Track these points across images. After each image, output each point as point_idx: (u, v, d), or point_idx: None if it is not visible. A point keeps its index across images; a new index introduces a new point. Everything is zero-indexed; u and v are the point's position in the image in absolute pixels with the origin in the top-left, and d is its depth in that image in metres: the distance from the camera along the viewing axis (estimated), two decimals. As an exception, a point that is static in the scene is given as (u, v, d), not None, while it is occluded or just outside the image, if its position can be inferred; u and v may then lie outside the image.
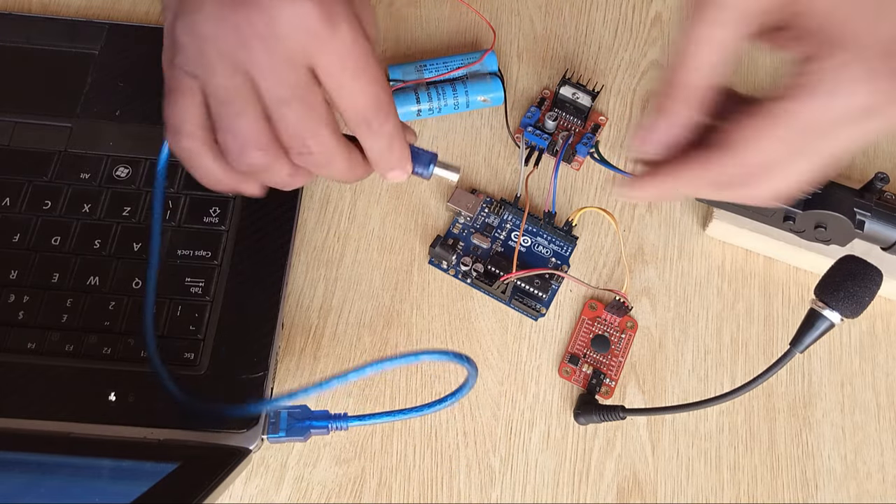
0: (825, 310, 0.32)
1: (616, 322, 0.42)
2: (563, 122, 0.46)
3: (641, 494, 0.38)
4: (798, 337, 0.33)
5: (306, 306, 0.42)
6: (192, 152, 0.31)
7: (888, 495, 0.39)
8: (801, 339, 0.33)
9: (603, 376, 0.40)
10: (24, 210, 0.40)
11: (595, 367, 0.41)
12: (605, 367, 0.41)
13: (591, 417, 0.39)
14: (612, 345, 0.41)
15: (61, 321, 0.38)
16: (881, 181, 0.39)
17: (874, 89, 0.27)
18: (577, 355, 0.41)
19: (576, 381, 0.40)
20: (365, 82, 0.30)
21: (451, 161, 0.44)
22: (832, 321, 0.32)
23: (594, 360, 0.41)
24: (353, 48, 0.29)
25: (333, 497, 0.38)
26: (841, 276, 0.33)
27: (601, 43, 0.50)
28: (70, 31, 0.45)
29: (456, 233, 0.42)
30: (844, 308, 0.32)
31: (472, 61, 0.46)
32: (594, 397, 0.40)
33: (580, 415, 0.39)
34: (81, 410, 0.36)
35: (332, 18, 0.28)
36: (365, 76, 0.30)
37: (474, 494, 0.38)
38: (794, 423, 0.40)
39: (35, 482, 0.32)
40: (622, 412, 0.38)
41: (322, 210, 0.44)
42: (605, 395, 0.40)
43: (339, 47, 0.29)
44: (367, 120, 0.31)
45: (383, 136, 0.32)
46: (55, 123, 0.43)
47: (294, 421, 0.35)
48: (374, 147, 0.33)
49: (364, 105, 0.31)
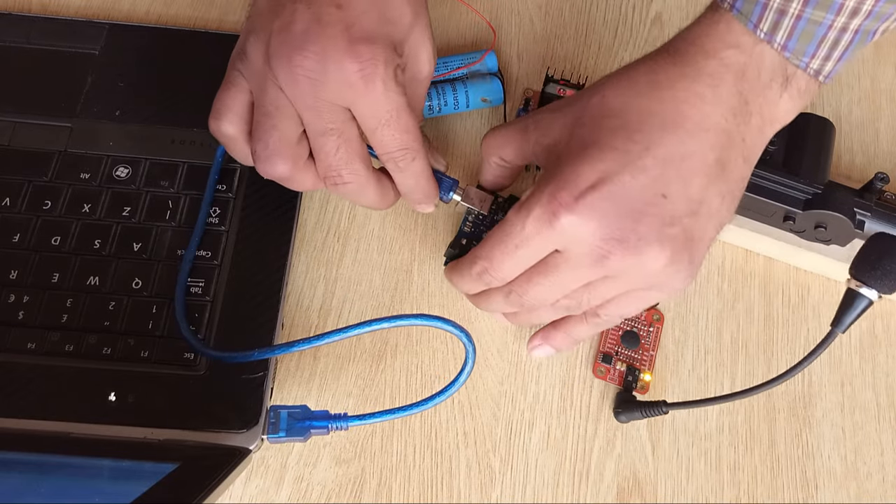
0: (862, 288, 0.34)
1: (642, 316, 0.42)
2: None
3: (641, 494, 0.38)
4: (838, 317, 0.35)
5: (306, 306, 0.42)
6: (228, 137, 0.36)
7: (888, 495, 0.39)
8: (842, 320, 0.34)
9: (638, 372, 0.40)
10: (24, 210, 0.40)
11: (628, 364, 0.41)
12: (638, 362, 0.41)
13: (632, 415, 0.39)
14: (642, 339, 0.41)
15: (61, 321, 0.38)
16: (881, 181, 0.39)
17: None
18: (610, 353, 0.41)
19: (611, 380, 0.40)
20: (393, 130, 0.34)
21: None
22: (870, 299, 0.34)
23: (626, 356, 0.41)
24: (384, 102, 0.33)
25: (333, 497, 0.38)
26: (876, 254, 0.34)
27: (601, 43, 0.50)
28: (70, 31, 0.45)
29: (468, 231, 0.41)
30: (882, 285, 0.33)
31: (472, 61, 0.46)
32: (632, 394, 0.40)
33: (621, 413, 0.39)
34: (81, 410, 0.36)
35: (368, 76, 0.32)
36: (393, 126, 0.34)
37: (474, 494, 0.38)
38: (794, 423, 0.40)
39: (35, 482, 0.32)
40: (665, 406, 0.38)
41: (322, 210, 0.44)
42: (642, 391, 0.40)
43: (372, 101, 0.33)
44: (395, 160, 0.35)
45: (410, 175, 0.36)
46: (55, 123, 0.43)
47: (294, 421, 0.35)
48: (402, 182, 0.37)
49: (392, 148, 0.35)
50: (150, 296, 0.39)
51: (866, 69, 0.50)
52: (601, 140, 0.32)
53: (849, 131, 0.48)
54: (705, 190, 0.32)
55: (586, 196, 0.31)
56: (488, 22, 0.50)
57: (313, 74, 0.32)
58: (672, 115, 0.32)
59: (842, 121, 0.48)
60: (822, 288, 0.44)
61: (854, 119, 0.48)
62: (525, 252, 0.33)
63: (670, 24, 0.51)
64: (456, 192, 0.40)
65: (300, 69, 0.31)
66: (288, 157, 0.34)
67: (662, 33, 0.50)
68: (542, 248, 0.33)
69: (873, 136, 0.48)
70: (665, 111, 0.32)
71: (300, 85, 0.32)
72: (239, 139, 0.35)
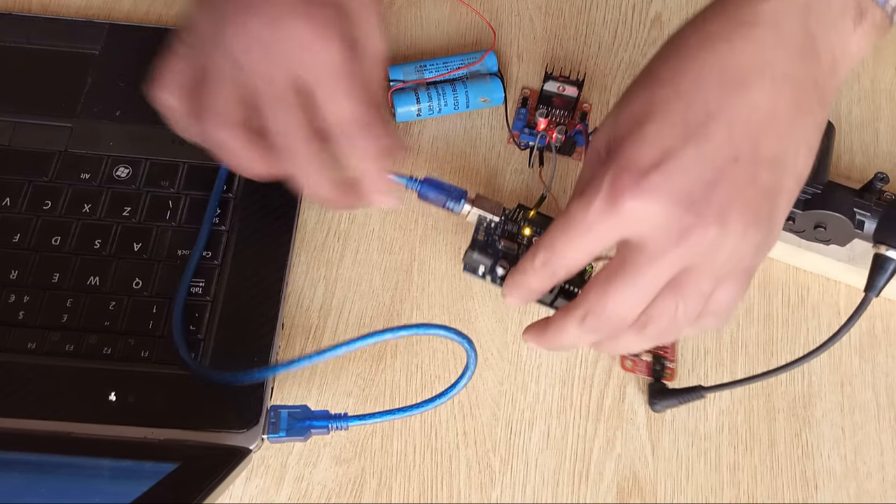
0: (889, 251, 0.36)
1: None
2: (554, 118, 0.46)
3: (641, 494, 0.38)
4: (870, 283, 0.37)
5: (306, 306, 0.42)
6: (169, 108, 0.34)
7: (888, 495, 0.39)
8: (874, 284, 0.37)
9: (664, 360, 0.40)
10: (25, 210, 0.40)
11: (654, 353, 0.41)
12: (662, 350, 0.41)
13: (669, 402, 0.39)
14: None
15: (62, 321, 0.38)
16: (881, 181, 0.39)
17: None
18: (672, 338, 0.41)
19: (640, 372, 0.41)
20: (346, 97, 0.32)
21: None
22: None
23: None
24: (339, 64, 0.31)
25: (333, 497, 0.38)
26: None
27: (601, 43, 0.50)
28: (70, 31, 0.46)
29: (482, 240, 0.39)
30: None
31: (472, 61, 0.46)
32: (662, 383, 0.40)
33: (656, 402, 0.39)
34: (82, 410, 0.36)
35: (323, 37, 0.31)
36: (346, 92, 0.32)
37: (474, 494, 0.38)
38: (793, 422, 0.40)
39: (35, 482, 0.32)
40: (702, 391, 0.38)
41: (322, 210, 0.44)
42: (669, 379, 0.40)
43: (325, 61, 0.31)
44: (347, 134, 0.33)
45: (366, 155, 0.33)
46: (55, 123, 0.43)
47: (294, 421, 0.35)
48: (357, 166, 0.34)
49: (345, 117, 0.32)
50: (150, 296, 0.39)
51: (866, 69, 0.50)
52: (655, 113, 0.29)
53: (848, 131, 0.48)
54: (778, 144, 0.29)
55: (650, 176, 0.28)
56: (488, 22, 0.50)
57: (268, 37, 0.31)
58: (731, 70, 0.29)
59: (842, 121, 0.48)
60: (822, 288, 0.44)
61: (854, 119, 0.48)
62: (590, 240, 0.30)
63: (670, 24, 0.51)
64: (466, 202, 0.38)
65: (254, 32, 0.31)
66: (233, 123, 0.33)
67: (662, 34, 0.50)
68: (608, 236, 0.30)
69: (873, 136, 0.48)
70: (722, 66, 0.29)
71: (253, 50, 0.31)
72: (180, 110, 0.34)
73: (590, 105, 0.47)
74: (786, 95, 0.29)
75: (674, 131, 0.29)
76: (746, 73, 0.29)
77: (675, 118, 0.29)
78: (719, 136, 0.28)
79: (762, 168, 0.29)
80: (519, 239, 0.39)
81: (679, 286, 0.30)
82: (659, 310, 0.30)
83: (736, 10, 0.30)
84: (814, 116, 0.30)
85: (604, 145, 0.32)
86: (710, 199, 0.28)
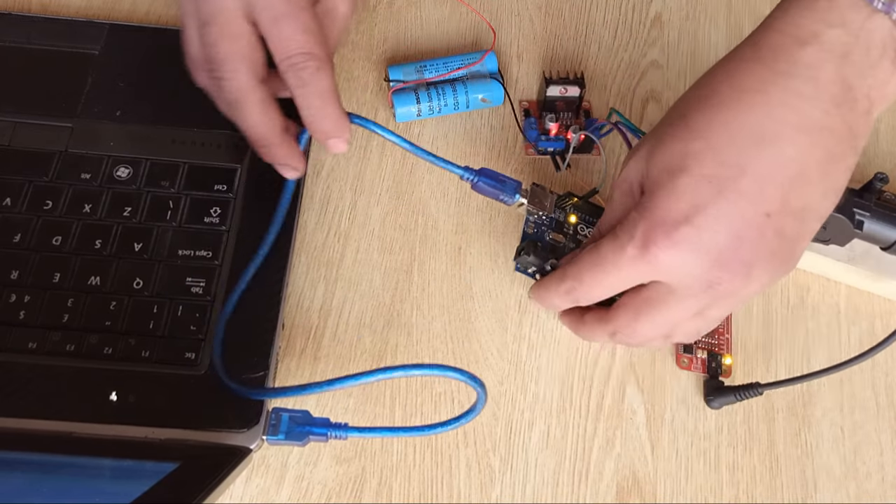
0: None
1: None
2: (563, 121, 0.46)
3: (641, 494, 0.39)
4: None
5: (306, 306, 0.42)
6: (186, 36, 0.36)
7: (888, 495, 0.39)
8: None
9: (719, 356, 0.41)
10: (25, 210, 0.40)
11: (709, 350, 0.41)
12: (717, 347, 0.41)
13: (727, 399, 0.39)
14: None
15: (62, 321, 0.38)
16: (881, 181, 0.39)
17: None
18: (689, 343, 0.41)
19: (696, 369, 0.41)
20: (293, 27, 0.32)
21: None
22: None
23: (705, 343, 0.41)
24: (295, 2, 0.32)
25: (334, 497, 0.38)
26: None
27: (601, 43, 0.50)
28: (70, 31, 0.45)
29: (531, 233, 0.40)
30: None
31: (472, 61, 0.46)
32: (719, 380, 0.40)
33: (713, 400, 0.40)
34: (82, 410, 0.36)
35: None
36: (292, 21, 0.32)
37: (474, 494, 0.38)
38: (793, 422, 0.40)
39: (36, 482, 0.32)
40: (759, 388, 0.39)
41: (322, 210, 0.44)
42: (726, 375, 0.41)
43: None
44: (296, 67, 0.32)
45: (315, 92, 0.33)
46: (55, 123, 0.43)
47: (294, 425, 0.35)
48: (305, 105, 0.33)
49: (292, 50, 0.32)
50: (150, 296, 0.39)
51: (866, 69, 0.50)
52: (689, 167, 0.29)
53: (848, 131, 0.48)
54: (808, 195, 0.29)
55: (681, 229, 0.29)
56: (488, 22, 0.50)
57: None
58: (767, 125, 0.29)
59: (841, 121, 0.48)
60: (822, 288, 0.44)
61: (853, 119, 0.48)
62: (616, 280, 0.32)
63: (670, 24, 0.51)
64: (521, 194, 0.39)
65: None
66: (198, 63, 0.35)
67: (662, 33, 0.50)
68: (635, 279, 0.32)
69: (873, 136, 0.48)
70: (758, 121, 0.29)
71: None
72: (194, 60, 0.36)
73: (589, 103, 0.47)
74: (821, 147, 0.29)
75: (706, 186, 0.29)
76: (781, 127, 0.29)
77: (708, 171, 0.29)
78: (751, 191, 0.29)
79: (790, 219, 0.29)
80: (566, 229, 0.40)
81: (701, 315, 0.32)
82: (682, 330, 0.34)
83: (773, 58, 0.29)
84: (846, 162, 0.30)
85: (637, 182, 0.32)
86: (738, 254, 0.29)
